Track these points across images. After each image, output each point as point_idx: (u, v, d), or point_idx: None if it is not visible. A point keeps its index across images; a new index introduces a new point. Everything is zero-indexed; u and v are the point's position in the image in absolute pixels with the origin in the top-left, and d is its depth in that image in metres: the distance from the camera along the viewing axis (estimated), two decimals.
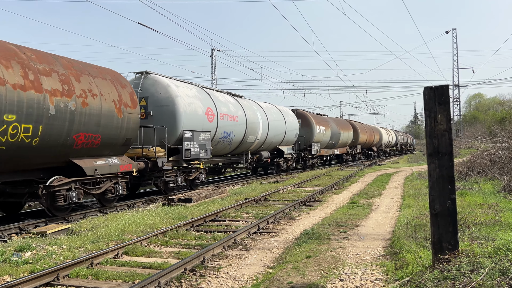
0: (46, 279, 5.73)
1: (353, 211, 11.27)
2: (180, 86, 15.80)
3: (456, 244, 4.83)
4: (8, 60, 8.81)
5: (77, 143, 10.55)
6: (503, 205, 9.85)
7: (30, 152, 9.39)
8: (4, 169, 9.20)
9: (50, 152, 9.95)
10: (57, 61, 10.39)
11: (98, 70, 11.82)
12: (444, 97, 4.95)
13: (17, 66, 8.93)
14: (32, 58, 9.55)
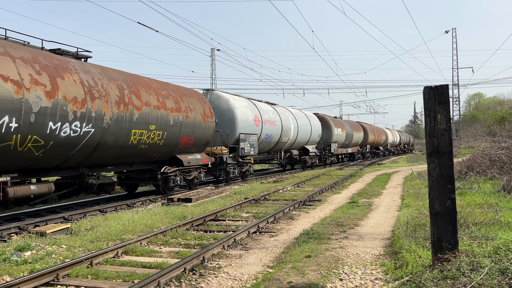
0: (45, 278, 5.73)
1: (352, 210, 11.27)
2: (236, 99, 20.32)
3: (455, 244, 4.83)
4: (149, 89, 13.59)
5: (181, 143, 15.12)
6: (503, 204, 9.86)
7: (157, 149, 13.97)
8: (138, 161, 13.84)
9: (166, 149, 14.52)
10: (168, 87, 15.23)
11: (190, 92, 16.80)
12: (443, 96, 4.95)
13: (153, 93, 13.69)
14: (158, 87, 14.35)
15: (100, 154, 11.61)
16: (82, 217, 11.15)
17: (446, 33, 52.93)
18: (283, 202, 13.32)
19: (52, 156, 10.19)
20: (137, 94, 12.77)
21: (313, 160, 29.46)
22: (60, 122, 9.87)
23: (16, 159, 9.35)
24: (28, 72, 9.27)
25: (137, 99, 12.65)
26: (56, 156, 10.35)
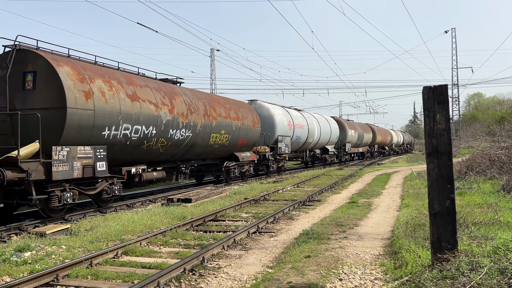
0: (45, 279, 5.73)
1: (352, 210, 11.27)
2: (275, 107, 24.94)
3: (455, 244, 4.83)
4: (219, 104, 18.23)
5: (238, 144, 19.61)
6: (502, 204, 9.87)
7: (224, 148, 18.46)
8: (210, 157, 18.28)
9: (229, 148, 18.96)
10: (229, 101, 19.75)
11: (242, 103, 21.53)
12: (443, 96, 4.96)
13: (222, 107, 18.26)
14: (224, 102, 18.91)
15: (191, 152, 16.16)
16: (81, 217, 11.15)
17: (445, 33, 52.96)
18: (283, 202, 13.33)
19: (167, 153, 14.64)
20: (214, 108, 17.49)
21: (332, 158, 33.99)
22: (175, 129, 14.31)
23: (151, 154, 13.68)
24: (159, 97, 13.67)
25: (214, 111, 17.35)
26: (169, 153, 14.76)
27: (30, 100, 10.22)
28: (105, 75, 11.89)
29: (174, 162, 16.01)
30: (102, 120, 11.10)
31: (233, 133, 18.74)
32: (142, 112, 12.55)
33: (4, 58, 10.39)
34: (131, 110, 12.16)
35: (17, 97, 10.29)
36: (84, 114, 10.48)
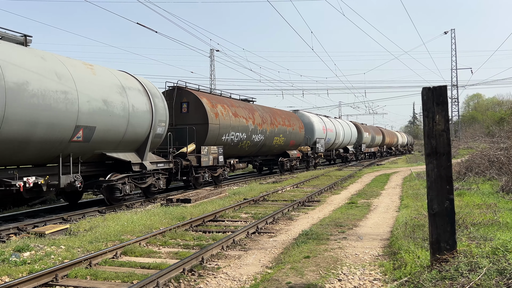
0: (44, 279, 5.73)
1: (351, 211, 11.28)
2: (313, 116, 32.09)
3: (454, 244, 4.84)
4: (278, 115, 24.68)
5: (289, 144, 25.97)
6: (501, 205, 9.88)
7: (281, 148, 24.65)
8: (270, 154, 24.43)
9: (284, 148, 25.30)
10: (283, 112, 26.45)
11: (291, 113, 28.37)
12: (442, 97, 4.97)
13: (279, 117, 24.42)
14: (280, 113, 25.35)
15: (261, 150, 22.93)
16: (81, 217, 11.15)
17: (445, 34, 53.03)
18: (282, 202, 13.33)
19: (249, 150, 21.28)
20: (275, 118, 24.07)
21: (351, 157, 40.88)
22: (255, 134, 20.98)
23: (241, 151, 20.44)
24: (246, 113, 20.48)
25: (275, 121, 23.87)
26: (250, 151, 21.47)
27: (187, 119, 17.01)
28: (221, 101, 18.84)
29: (250, 157, 22.63)
30: (222, 130, 17.96)
31: (287, 136, 25.37)
32: (239, 124, 19.46)
33: (169, 93, 17.34)
34: (234, 123, 19.02)
35: (177, 118, 17.17)
36: (215, 127, 17.37)
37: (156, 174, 14.05)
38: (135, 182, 13.02)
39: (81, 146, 11.01)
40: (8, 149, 9.13)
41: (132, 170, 12.81)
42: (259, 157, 23.57)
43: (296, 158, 27.23)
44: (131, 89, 12.81)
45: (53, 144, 10.14)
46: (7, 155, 9.26)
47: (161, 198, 14.61)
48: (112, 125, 11.71)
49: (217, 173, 18.07)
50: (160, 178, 14.25)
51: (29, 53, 9.90)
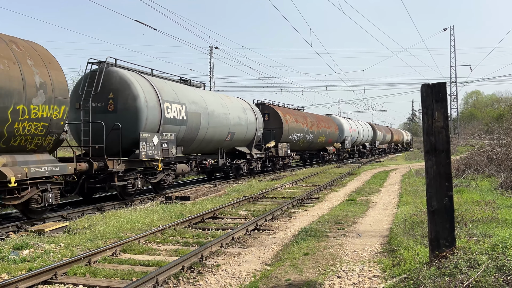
0: (43, 277, 5.73)
1: (350, 208, 11.29)
2: (342, 118, 39.87)
3: (453, 241, 4.84)
4: (320, 119, 33.16)
5: (328, 142, 34.10)
6: (500, 202, 9.89)
7: (322, 144, 33.29)
8: (315, 148, 32.88)
9: (324, 144, 33.47)
10: (323, 117, 36.01)
11: (327, 117, 37.03)
12: (441, 94, 4.96)
13: (321, 121, 32.98)
14: (321, 118, 33.72)
15: (310, 146, 30.73)
16: (80, 215, 11.15)
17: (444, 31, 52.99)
18: (281, 200, 13.34)
19: (303, 146, 29.40)
20: (319, 122, 31.99)
21: (368, 152, 47.64)
22: (307, 134, 29.00)
23: (298, 147, 28.55)
24: (302, 118, 28.40)
25: (319, 124, 31.73)
26: (303, 146, 29.53)
27: (268, 125, 24.24)
28: (288, 111, 27.02)
29: (302, 151, 30.70)
30: (290, 132, 25.86)
31: (327, 135, 33.23)
32: (299, 127, 27.46)
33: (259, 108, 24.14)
34: (296, 126, 27.01)
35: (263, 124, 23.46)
36: (286, 130, 25.17)
37: (256, 160, 22.28)
38: (247, 165, 21.40)
39: (228, 143, 19.31)
40: (207, 144, 17.50)
41: (246, 158, 21.22)
42: (307, 152, 31.97)
43: (332, 153, 35.21)
44: (246, 109, 21.10)
45: (219, 142, 18.43)
46: (205, 148, 17.74)
47: (160, 195, 14.61)
48: (241, 131, 19.95)
49: (286, 161, 26.44)
50: (258, 163, 22.72)
51: (208, 93, 18.96)
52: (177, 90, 15.21)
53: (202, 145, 17.16)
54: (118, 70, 13.26)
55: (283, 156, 25.01)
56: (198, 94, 16.66)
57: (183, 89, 15.90)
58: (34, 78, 9.42)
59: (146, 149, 12.84)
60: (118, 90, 12.82)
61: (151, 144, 13.09)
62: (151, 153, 13.01)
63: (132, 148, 12.81)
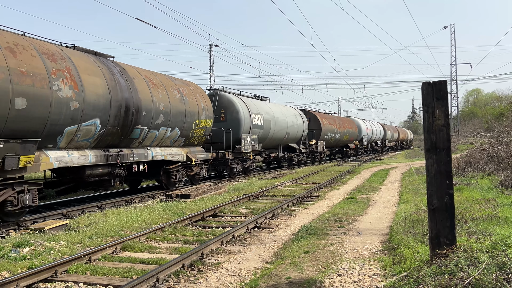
0: (44, 275, 5.73)
1: (351, 206, 11.29)
2: (359, 120, 46.59)
3: (453, 239, 4.84)
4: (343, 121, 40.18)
5: (350, 140, 41.11)
6: (501, 200, 9.89)
7: (345, 142, 40.09)
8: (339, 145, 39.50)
9: (346, 142, 39.99)
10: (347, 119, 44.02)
11: (349, 119, 43.66)
12: (442, 92, 4.95)
13: (345, 122, 40.29)
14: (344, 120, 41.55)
15: (337, 144, 37.82)
16: (80, 213, 11.15)
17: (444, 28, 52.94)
18: (282, 198, 13.33)
19: (333, 144, 36.06)
20: (344, 123, 38.50)
21: (379, 148, 53.88)
22: (336, 134, 35.73)
23: (330, 144, 35.07)
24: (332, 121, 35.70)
25: (344, 125, 38.56)
26: (332, 144, 36.17)
27: (310, 126, 30.65)
28: (323, 115, 33.82)
29: (331, 148, 37.01)
30: (325, 132, 32.49)
31: (349, 134, 39.72)
32: (331, 128, 33.89)
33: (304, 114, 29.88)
34: (329, 127, 33.43)
35: None
36: (323, 130, 31.90)
37: (303, 154, 28.87)
38: (298, 157, 27.85)
39: (285, 141, 26.03)
40: (272, 142, 24.09)
41: (296, 152, 27.61)
42: (334, 148, 38.42)
43: (353, 149, 41.63)
44: (296, 115, 27.62)
45: (280, 140, 25.17)
46: (271, 144, 24.22)
47: (160, 193, 14.60)
48: (293, 131, 26.50)
49: (322, 155, 32.83)
50: (304, 156, 29.24)
51: (273, 104, 25.47)
52: (257, 105, 22.38)
53: (270, 143, 23.97)
54: (226, 94, 20.52)
55: (320, 151, 31.92)
56: (268, 106, 23.84)
57: (260, 103, 23.27)
58: (201, 105, 16.51)
59: (244, 145, 19.90)
60: (227, 107, 20.07)
61: (246, 142, 20.11)
62: (246, 147, 20.10)
63: (235, 144, 19.69)
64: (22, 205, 9.42)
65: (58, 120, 9.99)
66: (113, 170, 12.13)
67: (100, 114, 11.22)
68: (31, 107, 9.22)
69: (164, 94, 14.19)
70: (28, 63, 9.30)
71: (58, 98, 9.90)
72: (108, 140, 11.95)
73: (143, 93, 13.00)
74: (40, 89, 9.45)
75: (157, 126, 13.78)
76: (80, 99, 10.55)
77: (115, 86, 11.84)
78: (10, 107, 8.77)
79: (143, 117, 12.92)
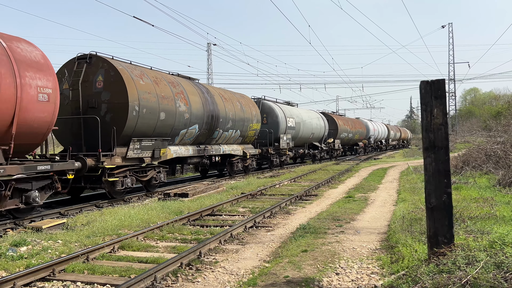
0: (41, 274, 5.71)
1: (349, 205, 11.29)
2: (367, 121, 51.90)
3: (451, 238, 4.84)
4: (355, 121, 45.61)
5: (360, 138, 45.58)
6: (498, 199, 9.91)
7: (355, 141, 44.54)
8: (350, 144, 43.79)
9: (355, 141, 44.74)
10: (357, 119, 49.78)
11: (358, 120, 48.41)
12: (440, 91, 4.95)
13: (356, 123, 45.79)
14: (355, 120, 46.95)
15: (349, 142, 42.07)
16: (78, 212, 11.12)
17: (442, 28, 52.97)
18: (280, 197, 13.33)
19: (346, 142, 40.83)
20: (355, 124, 43.68)
21: (383, 146, 57.91)
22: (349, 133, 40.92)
23: (344, 142, 40.19)
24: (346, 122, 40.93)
25: (356, 125, 43.31)
26: (345, 142, 40.52)
27: (329, 127, 34.75)
28: (339, 117, 39.39)
29: (344, 145, 40.09)
30: (341, 131, 37.75)
31: (359, 134, 43.60)
32: (346, 128, 39.12)
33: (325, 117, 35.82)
34: (344, 128, 38.50)
35: None
36: (339, 130, 36.89)
37: (324, 151, 33.21)
38: (320, 154, 31.93)
39: (310, 140, 30.22)
40: (300, 141, 28.73)
41: (318, 149, 31.54)
42: (346, 146, 42.08)
43: (362, 147, 45.75)
44: (319, 117, 32.35)
45: (306, 139, 29.65)
46: (299, 143, 28.78)
47: (159, 192, 14.59)
48: (317, 131, 30.84)
49: (338, 152, 37.07)
50: (324, 153, 33.37)
51: (301, 109, 30.58)
52: (290, 110, 27.24)
53: (299, 141, 28.48)
54: (266, 102, 25.44)
55: (337, 148, 36.53)
56: (297, 111, 28.74)
57: (291, 108, 28.24)
58: (252, 112, 21.64)
59: (281, 143, 24.65)
60: (268, 113, 24.85)
61: (283, 140, 24.87)
62: (283, 145, 24.89)
63: (274, 142, 24.44)
64: (159, 181, 14.61)
65: (178, 126, 15.08)
66: (201, 160, 17.46)
67: (198, 121, 16.43)
68: (167, 118, 14.29)
69: (231, 106, 19.32)
70: (163, 90, 14.37)
71: (179, 112, 14.99)
72: (200, 139, 17.17)
73: (219, 106, 18.18)
74: (170, 106, 14.51)
75: (227, 129, 18.97)
76: (189, 111, 15.70)
77: (205, 101, 17.10)
78: (157, 118, 13.81)
79: (220, 123, 18.14)
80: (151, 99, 13.39)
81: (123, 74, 12.63)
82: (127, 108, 12.39)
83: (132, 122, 12.65)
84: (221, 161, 19.46)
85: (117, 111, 12.49)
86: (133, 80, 12.93)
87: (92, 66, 12.95)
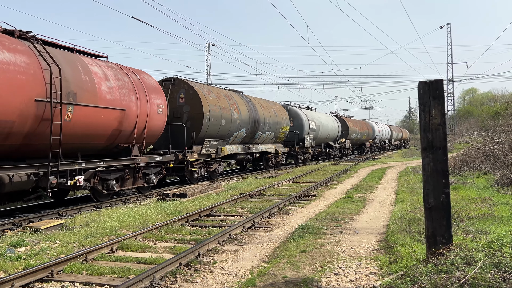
0: (40, 274, 5.70)
1: (347, 205, 11.30)
2: (373, 122, 57.09)
3: (450, 238, 4.85)
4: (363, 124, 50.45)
5: (366, 139, 49.95)
6: (496, 199, 9.92)
7: (363, 141, 49.08)
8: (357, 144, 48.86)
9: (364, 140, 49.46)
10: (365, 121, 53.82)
11: (364, 121, 52.55)
12: (438, 91, 4.96)
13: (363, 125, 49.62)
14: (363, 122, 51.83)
15: (357, 142, 46.08)
16: (76, 212, 11.11)
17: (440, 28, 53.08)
18: (279, 197, 13.33)
19: (355, 142, 44.90)
20: (363, 125, 47.54)
21: (387, 146, 61.67)
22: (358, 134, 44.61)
23: (353, 142, 44.03)
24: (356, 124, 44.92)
25: (363, 126, 47.26)
26: (354, 142, 44.36)
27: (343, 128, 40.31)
28: (350, 120, 43.05)
29: (353, 145, 42.37)
30: (351, 132, 41.19)
31: (366, 134, 46.58)
32: (355, 130, 42.98)
33: None
34: (353, 129, 41.92)
35: None
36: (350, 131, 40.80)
37: (337, 150, 36.52)
38: (334, 152, 35.92)
39: (326, 140, 34.75)
40: (318, 140, 32.69)
41: (332, 147, 35.64)
42: (355, 145, 44.84)
43: (368, 147, 49.35)
44: (334, 120, 36.76)
45: (323, 139, 34.05)
46: (317, 143, 32.91)
47: (157, 193, 14.58)
48: (332, 132, 35.16)
49: (348, 151, 40.93)
50: (338, 151, 36.99)
51: (319, 113, 35.31)
52: (311, 114, 31.48)
53: (318, 141, 32.36)
54: (292, 107, 29.61)
55: (348, 148, 40.07)
56: (317, 115, 32.88)
57: (312, 113, 32.28)
58: (283, 117, 25.98)
59: (306, 143, 28.84)
60: (294, 117, 28.79)
61: (307, 140, 29.09)
62: (307, 144, 29.11)
63: (299, 142, 28.45)
64: (219, 172, 19.35)
65: (232, 129, 19.20)
66: (246, 156, 21.73)
67: (246, 126, 20.61)
68: (226, 124, 18.45)
69: (268, 112, 23.51)
70: (223, 102, 18.61)
71: (233, 119, 19.16)
72: (245, 139, 21.32)
73: (260, 113, 22.27)
74: (228, 114, 18.69)
75: (265, 131, 23.12)
76: (240, 118, 19.84)
77: (250, 110, 21.30)
78: (220, 124, 18.00)
79: (260, 126, 22.21)
80: (216, 110, 17.66)
81: (199, 92, 16.92)
82: (202, 117, 16.66)
83: (205, 127, 16.97)
84: (259, 158, 23.91)
85: (195, 120, 16.72)
86: (205, 97, 17.19)
87: (175, 86, 17.22)
